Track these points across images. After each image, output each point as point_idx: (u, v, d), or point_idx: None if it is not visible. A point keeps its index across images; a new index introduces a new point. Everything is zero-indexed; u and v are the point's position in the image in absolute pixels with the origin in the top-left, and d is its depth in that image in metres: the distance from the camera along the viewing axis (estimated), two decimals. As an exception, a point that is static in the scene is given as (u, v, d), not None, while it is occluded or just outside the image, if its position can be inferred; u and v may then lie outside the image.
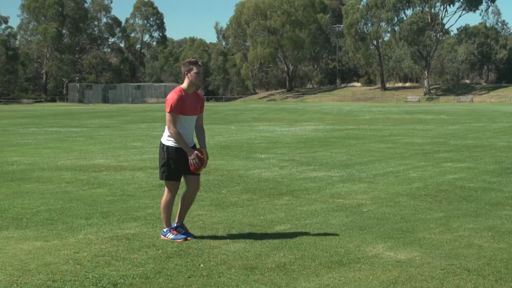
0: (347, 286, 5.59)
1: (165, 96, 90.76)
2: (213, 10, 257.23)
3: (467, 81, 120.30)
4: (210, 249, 6.85)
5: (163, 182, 7.78)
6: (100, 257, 6.51)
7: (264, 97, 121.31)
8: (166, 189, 7.43)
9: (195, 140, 7.51)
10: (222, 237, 7.39)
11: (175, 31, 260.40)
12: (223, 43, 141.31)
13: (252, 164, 14.87)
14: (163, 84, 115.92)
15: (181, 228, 7.38)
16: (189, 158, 7.18)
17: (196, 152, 7.22)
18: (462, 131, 26.77)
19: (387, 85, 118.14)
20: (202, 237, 7.41)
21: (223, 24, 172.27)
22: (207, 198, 10.15)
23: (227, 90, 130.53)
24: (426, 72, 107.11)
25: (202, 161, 7.27)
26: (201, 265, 6.25)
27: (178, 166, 7.28)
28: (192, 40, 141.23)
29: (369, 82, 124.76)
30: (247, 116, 44.52)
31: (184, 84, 7.35)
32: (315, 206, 9.45)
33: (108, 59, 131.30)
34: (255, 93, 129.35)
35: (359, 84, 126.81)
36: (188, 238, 7.28)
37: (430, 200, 9.97)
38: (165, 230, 7.37)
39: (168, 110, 7.14)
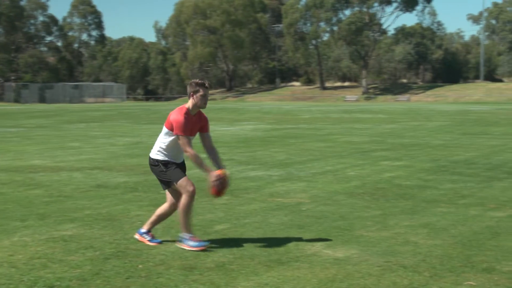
0: (286, 285, 5.62)
1: (104, 95, 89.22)
2: (153, 9, 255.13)
3: (404, 81, 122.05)
4: (148, 250, 6.80)
5: (103, 182, 7.66)
6: (36, 260, 6.40)
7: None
8: (182, 191, 6.94)
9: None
10: (160, 238, 7.34)
11: (113, 30, 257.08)
12: (163, 42, 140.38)
13: (191, 164, 14.77)
14: (102, 83, 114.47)
15: (146, 235, 7.16)
16: (210, 181, 6.88)
17: (216, 173, 6.91)
18: (399, 130, 27.17)
19: (326, 84, 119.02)
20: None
21: (163, 23, 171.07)
22: (146, 198, 10.08)
23: (167, 90, 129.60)
24: (364, 71, 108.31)
25: (224, 183, 6.97)
26: (140, 266, 6.20)
27: (176, 166, 7.04)
28: (131, 39, 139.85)
29: (309, 81, 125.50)
30: (187, 116, 44.28)
31: (189, 104, 7.05)
32: (254, 205, 9.47)
33: (45, 58, 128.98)
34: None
35: (298, 83, 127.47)
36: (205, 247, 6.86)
37: (368, 198, 10.09)
38: (185, 237, 6.91)
39: (181, 133, 6.85)
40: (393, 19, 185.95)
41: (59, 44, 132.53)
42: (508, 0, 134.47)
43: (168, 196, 7.18)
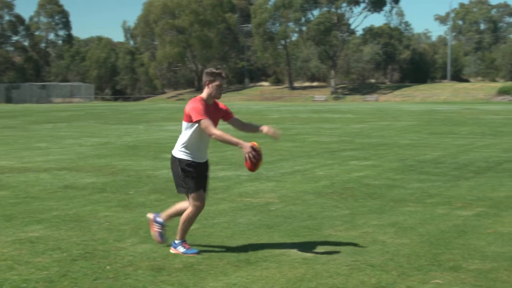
0: (254, 285, 5.62)
1: (71, 95, 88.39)
2: (121, 9, 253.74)
3: (373, 81, 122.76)
4: (116, 251, 6.76)
5: (71, 183, 7.56)
6: (1, 262, 6.33)
7: (172, 96, 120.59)
8: (191, 202, 6.73)
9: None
10: (129, 238, 7.31)
11: (81, 30, 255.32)
12: (131, 42, 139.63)
13: (160, 164, 14.76)
14: (69, 83, 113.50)
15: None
16: (244, 152, 6.47)
17: (250, 144, 6.51)
18: (368, 130, 27.32)
19: (295, 84, 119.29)
20: (108, 239, 7.30)
21: (131, 23, 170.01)
22: (114, 199, 10.01)
23: (135, 90, 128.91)
24: (332, 71, 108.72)
25: (259, 154, 6.61)
26: (108, 267, 6.16)
27: (194, 175, 6.70)
28: (99, 38, 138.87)
29: (277, 81, 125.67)
30: (156, 116, 44.19)
31: (204, 94, 6.81)
32: (223, 205, 9.46)
33: (12, 58, 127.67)
34: (164, 93, 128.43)
35: (267, 83, 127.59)
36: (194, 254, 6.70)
37: (336, 197, 10.13)
38: (176, 242, 6.81)
39: (201, 117, 6.54)
40: (361, 20, 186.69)
41: (26, 43, 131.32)
42: (474, 1, 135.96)
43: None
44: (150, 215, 7.18)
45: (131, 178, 12.46)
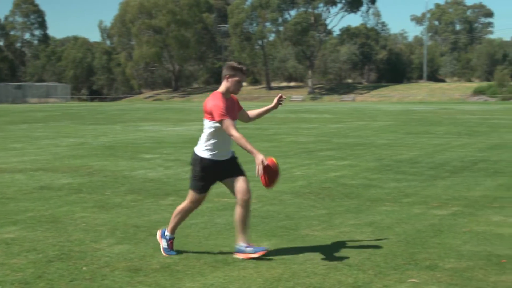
0: (231, 285, 5.62)
1: (47, 95, 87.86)
2: (97, 9, 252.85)
3: (349, 81, 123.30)
4: (93, 252, 6.72)
5: (47, 184, 7.50)
6: (-24, 263, 6.27)
7: (149, 96, 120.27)
8: (188, 198, 6.78)
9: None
10: (105, 239, 7.27)
11: (57, 30, 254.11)
12: (108, 42, 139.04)
13: (137, 165, 14.71)
14: (45, 83, 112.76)
15: (246, 247, 6.57)
16: (256, 162, 6.43)
17: (262, 157, 6.45)
18: (345, 130, 27.41)
19: (272, 84, 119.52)
20: (84, 240, 7.26)
21: (107, 22, 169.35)
22: (90, 200, 9.96)
23: (112, 90, 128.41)
24: (310, 71, 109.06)
25: (274, 171, 6.63)
26: (84, 268, 6.13)
27: (209, 179, 6.68)
28: (75, 38, 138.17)
29: (255, 81, 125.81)
30: (133, 116, 44.01)
31: (222, 88, 6.61)
32: (201, 205, 9.42)
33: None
34: (141, 93, 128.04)
35: (244, 83, 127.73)
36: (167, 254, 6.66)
37: (314, 197, 10.16)
38: (166, 234, 6.76)
39: (222, 117, 6.40)
40: (338, 20, 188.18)
41: (1, 43, 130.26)
42: (450, 2, 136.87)
43: (236, 189, 6.77)
44: (239, 255, 6.61)
45: (107, 178, 12.40)
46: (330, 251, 6.73)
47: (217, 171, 6.66)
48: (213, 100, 6.50)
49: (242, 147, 6.47)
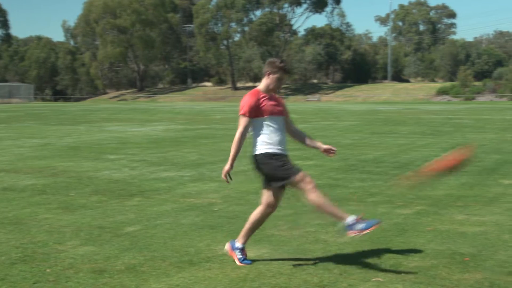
0: (197, 286, 5.61)
1: (10, 95, 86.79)
2: (60, 8, 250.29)
3: (315, 81, 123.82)
4: (57, 253, 6.66)
5: (10, 185, 7.38)
6: None
7: (114, 97, 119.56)
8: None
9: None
10: (70, 241, 7.21)
11: (20, 29, 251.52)
12: (72, 42, 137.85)
13: (101, 165, 14.60)
14: (8, 83, 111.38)
15: (240, 252, 6.40)
16: (223, 171, 6.44)
17: (224, 173, 6.51)
18: (310, 130, 27.49)
19: (238, 84, 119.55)
20: (48, 241, 7.18)
21: (71, 22, 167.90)
22: (55, 201, 9.86)
23: (76, 90, 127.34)
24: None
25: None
26: (48, 270, 6.06)
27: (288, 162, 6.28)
28: (39, 38, 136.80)
29: (220, 81, 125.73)
30: (97, 117, 43.68)
31: (262, 85, 6.40)
32: (166, 206, 9.41)
33: None
34: (105, 93, 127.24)
35: (210, 83, 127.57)
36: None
37: (279, 197, 10.15)
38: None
39: (241, 113, 6.30)
40: (303, 20, 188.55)
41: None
42: (414, 3, 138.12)
43: (264, 197, 6.43)
44: (227, 246, 6.55)
45: (72, 179, 12.29)
46: (296, 251, 6.75)
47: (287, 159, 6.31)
48: (245, 97, 6.37)
49: (231, 148, 6.52)
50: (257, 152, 6.42)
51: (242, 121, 6.34)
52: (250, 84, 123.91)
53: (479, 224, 8.06)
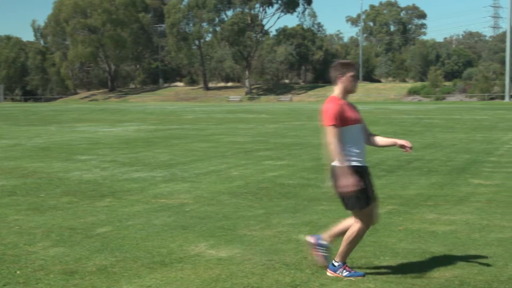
0: (169, 286, 5.59)
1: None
2: (30, 8, 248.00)
3: (287, 81, 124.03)
4: (27, 255, 6.59)
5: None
6: None
7: (85, 97, 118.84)
8: (359, 218, 5.92)
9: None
10: (40, 242, 7.14)
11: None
12: (41, 41, 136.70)
13: (72, 166, 14.50)
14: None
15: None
16: (345, 184, 5.70)
17: (356, 180, 5.70)
18: (282, 130, 27.55)
19: (210, 85, 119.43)
20: (18, 243, 7.12)
21: (41, 22, 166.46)
22: (25, 202, 9.76)
23: (47, 90, 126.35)
24: (247, 72, 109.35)
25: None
26: (18, 272, 6.00)
27: (369, 184, 5.90)
28: (8, 38, 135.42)
29: (192, 82, 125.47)
30: (68, 117, 43.37)
31: (337, 91, 5.94)
32: (138, 207, 9.36)
33: None
34: (76, 93, 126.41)
35: (182, 84, 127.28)
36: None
37: (251, 197, 10.17)
38: (336, 264, 5.98)
39: (328, 123, 5.75)
40: (275, 21, 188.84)
41: None
42: (384, 3, 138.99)
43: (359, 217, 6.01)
44: (311, 239, 6.30)
45: (42, 180, 12.18)
46: (268, 251, 6.75)
47: (365, 177, 5.90)
48: (327, 105, 5.89)
49: (330, 157, 5.91)
50: (335, 164, 5.90)
51: (332, 132, 5.76)
52: (222, 84, 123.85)
53: (449, 223, 8.13)
